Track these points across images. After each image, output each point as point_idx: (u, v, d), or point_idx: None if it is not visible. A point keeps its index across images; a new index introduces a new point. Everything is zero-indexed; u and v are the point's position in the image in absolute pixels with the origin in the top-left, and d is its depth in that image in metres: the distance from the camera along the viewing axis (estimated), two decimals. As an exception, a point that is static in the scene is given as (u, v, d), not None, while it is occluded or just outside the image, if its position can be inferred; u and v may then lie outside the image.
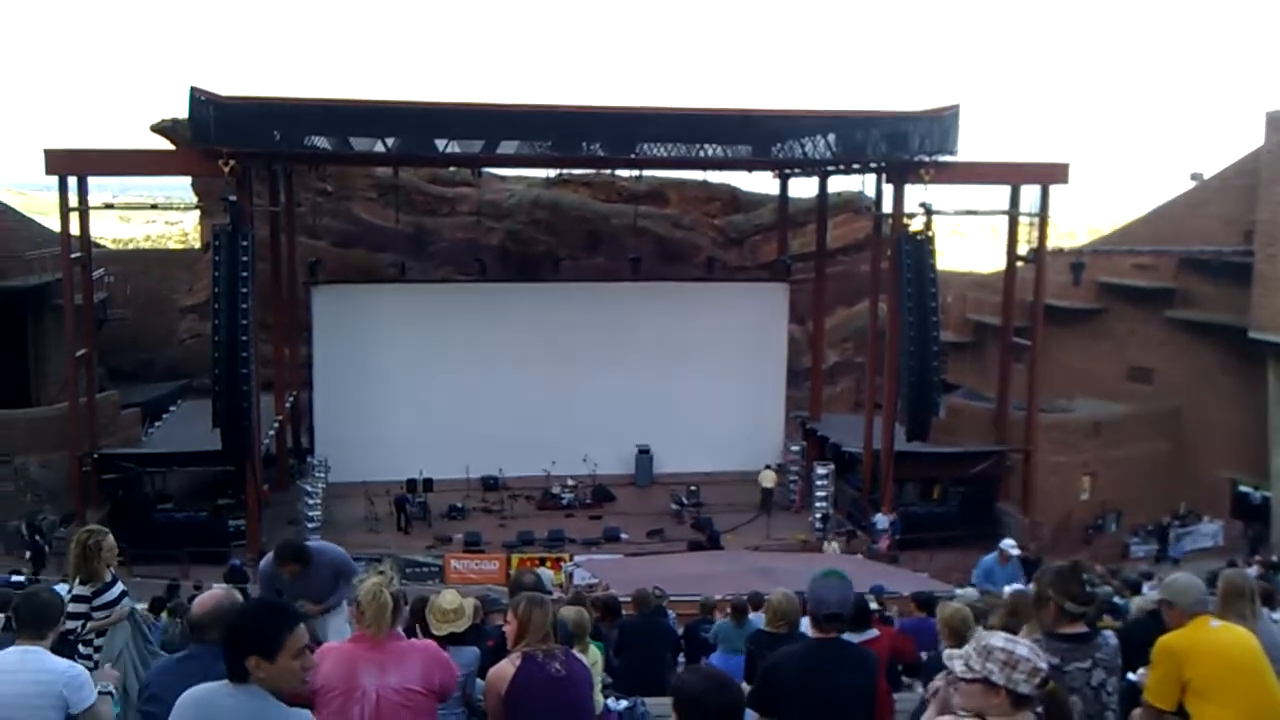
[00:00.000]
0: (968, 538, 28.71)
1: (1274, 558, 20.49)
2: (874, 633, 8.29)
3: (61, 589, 6.74)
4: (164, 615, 12.48)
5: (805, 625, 8.90)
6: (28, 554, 25.20)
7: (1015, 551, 14.17)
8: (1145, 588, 12.39)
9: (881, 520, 28.92)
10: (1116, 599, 11.29)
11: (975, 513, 30.52)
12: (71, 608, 6.46)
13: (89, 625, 6.57)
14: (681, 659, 11.02)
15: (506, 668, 4.93)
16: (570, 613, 7.43)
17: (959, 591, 13.27)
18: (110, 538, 6.80)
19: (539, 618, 5.05)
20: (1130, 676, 5.63)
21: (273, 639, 3.64)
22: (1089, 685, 4.76)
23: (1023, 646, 3.79)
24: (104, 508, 27.23)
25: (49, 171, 26.36)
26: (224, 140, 25.43)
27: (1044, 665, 3.74)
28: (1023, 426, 31.37)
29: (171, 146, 32.76)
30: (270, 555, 7.45)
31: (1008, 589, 8.56)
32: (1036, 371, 31.16)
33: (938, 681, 4.06)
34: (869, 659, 5.16)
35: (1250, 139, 38.87)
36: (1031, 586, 5.87)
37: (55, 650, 4.93)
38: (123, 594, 6.79)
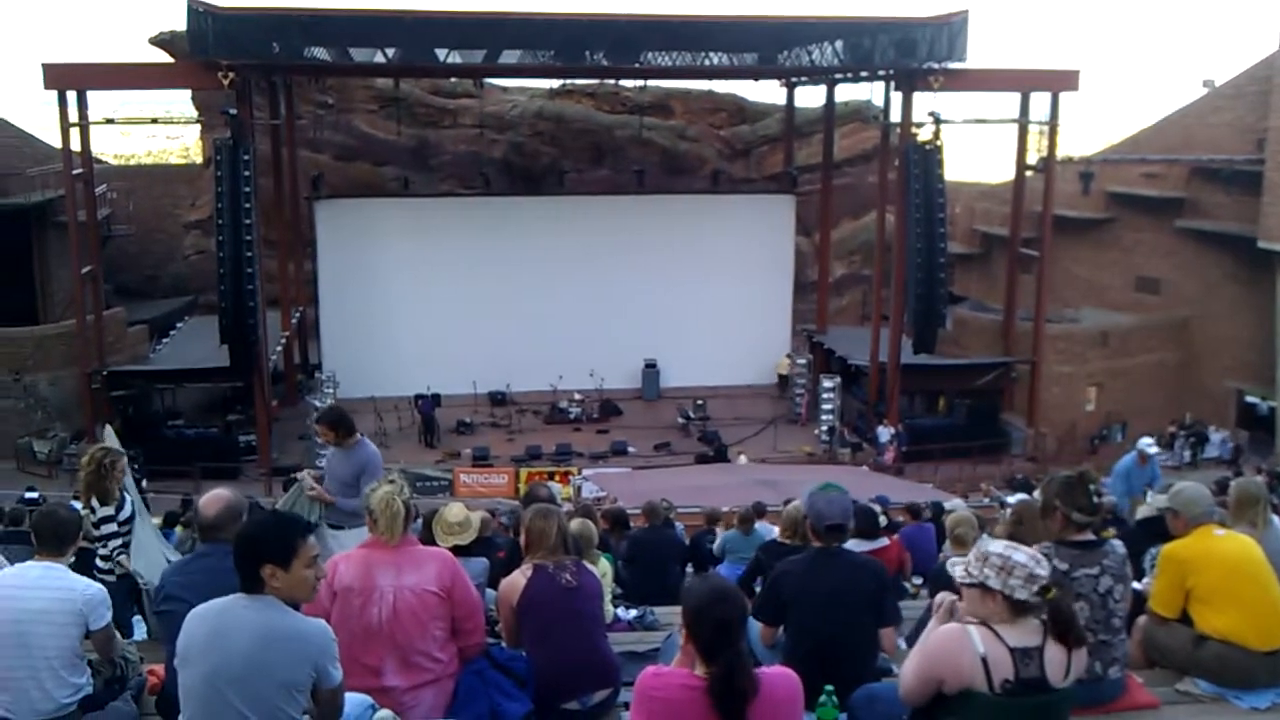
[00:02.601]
0: (972, 449, 28.98)
1: (1279, 468, 20.56)
2: (884, 541, 8.38)
3: (76, 505, 6.80)
4: (178, 529, 12.62)
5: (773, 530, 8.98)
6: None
7: (1154, 450, 13.23)
8: (1149, 496, 12.37)
9: (884, 433, 29.08)
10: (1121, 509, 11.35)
11: (980, 424, 30.65)
12: (104, 529, 6.53)
13: (118, 543, 6.65)
14: (689, 570, 11.18)
15: (518, 578, 5.00)
16: (576, 525, 7.51)
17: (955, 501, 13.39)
18: (124, 458, 6.86)
19: (549, 529, 5.10)
20: (1135, 585, 5.68)
21: (288, 547, 3.70)
22: (1096, 592, 4.81)
23: (1021, 553, 3.82)
24: (114, 424, 27.40)
25: (47, 86, 26.11)
26: (222, 52, 25.14)
27: (1042, 572, 3.78)
28: (1029, 338, 31.35)
29: (170, 59, 32.35)
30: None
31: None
32: (1044, 282, 31.04)
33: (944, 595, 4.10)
34: (871, 565, 5.20)
35: (1265, 45, 38.23)
36: (1038, 494, 5.91)
37: (74, 568, 4.99)
38: (135, 511, 6.87)
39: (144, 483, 22.11)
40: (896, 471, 27.26)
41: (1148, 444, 13.29)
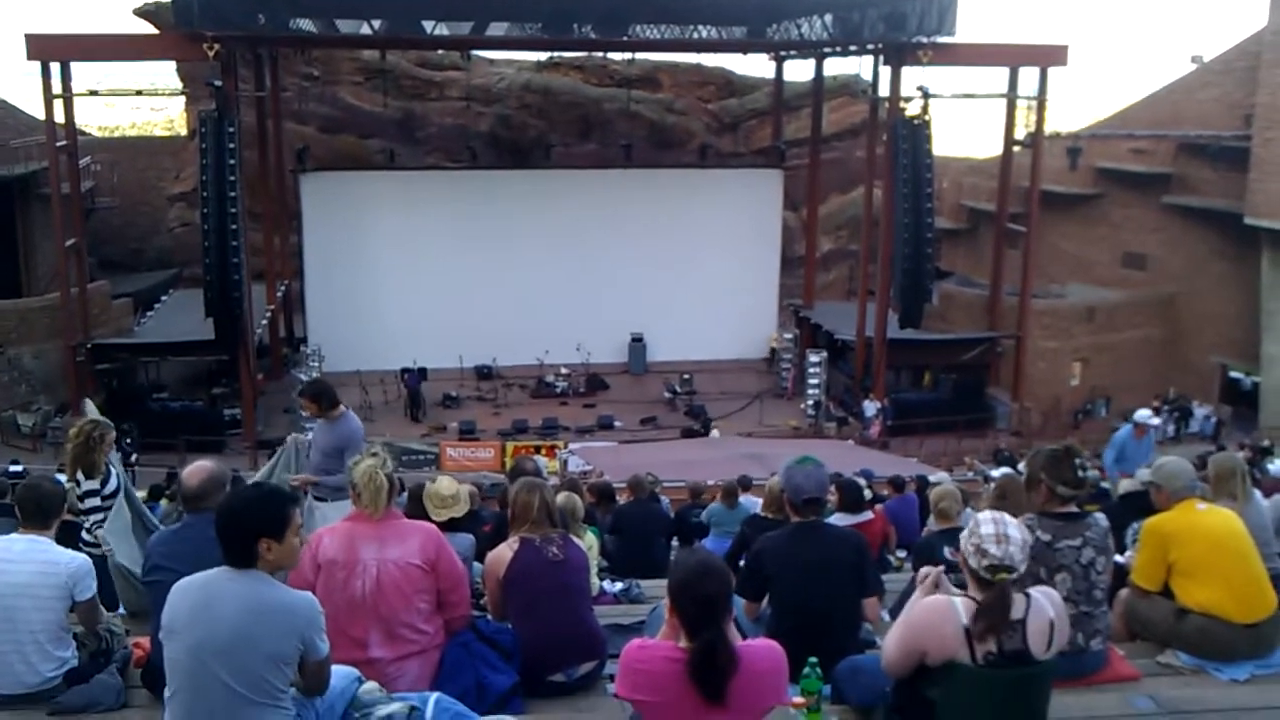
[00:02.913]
0: (958, 424, 29.10)
1: (1264, 442, 20.68)
2: (869, 515, 8.42)
3: (60, 478, 6.78)
4: (163, 501, 12.61)
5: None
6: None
7: (1155, 422, 12.17)
8: (1137, 471, 12.18)
9: (869, 407, 29.18)
10: (1104, 484, 11.38)
11: (966, 399, 30.75)
12: (88, 503, 6.52)
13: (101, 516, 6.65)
14: (675, 543, 11.22)
15: (505, 551, 5.01)
16: (561, 498, 7.52)
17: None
18: (113, 432, 6.86)
19: (533, 502, 5.11)
20: (1117, 559, 5.73)
21: (281, 518, 3.73)
22: (1078, 563, 4.85)
23: (991, 526, 3.86)
24: (99, 397, 27.31)
25: (31, 57, 25.83)
26: (207, 23, 24.92)
27: (1001, 556, 3.79)
28: (1015, 313, 31.43)
29: (155, 31, 32.05)
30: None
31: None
32: (1031, 258, 31.08)
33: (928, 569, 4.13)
34: (851, 536, 5.23)
35: (1253, 20, 38.22)
36: (1023, 467, 5.94)
37: (59, 540, 4.98)
38: (120, 484, 6.86)
39: (135, 457, 22.16)
40: (882, 446, 27.36)
41: (1146, 415, 12.68)
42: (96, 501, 6.59)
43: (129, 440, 22.46)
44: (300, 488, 7.37)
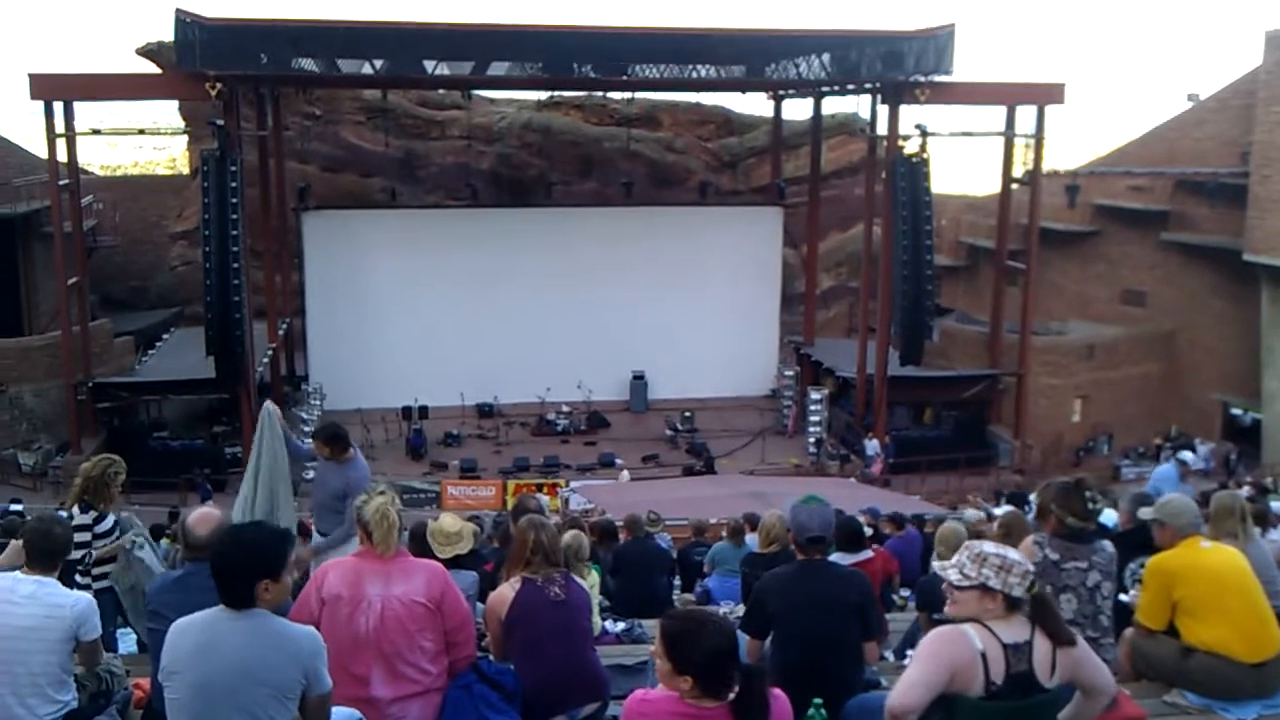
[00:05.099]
0: (960, 461, 29.04)
1: (1266, 480, 20.60)
2: (868, 554, 8.38)
3: (62, 515, 6.78)
4: (164, 541, 12.55)
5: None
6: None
7: (1201, 466, 11.95)
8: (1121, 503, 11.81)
9: (871, 446, 29.13)
10: (1106, 521, 11.27)
11: (967, 436, 30.74)
12: (79, 537, 6.51)
13: (93, 554, 6.64)
14: (676, 581, 11.18)
15: (506, 591, 4.99)
16: (568, 537, 7.50)
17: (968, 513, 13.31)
18: (124, 473, 6.89)
19: (536, 540, 5.09)
20: (1122, 597, 5.71)
21: (280, 560, 3.74)
22: (1084, 586, 4.90)
23: (1014, 552, 3.87)
24: (99, 436, 27.29)
25: (34, 96, 26.03)
26: (210, 63, 25.11)
27: (1031, 568, 3.83)
28: (1016, 350, 31.45)
29: (157, 70, 32.30)
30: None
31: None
32: (1030, 294, 31.15)
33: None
34: (855, 576, 5.21)
35: (1249, 59, 38.51)
36: (1033, 498, 5.95)
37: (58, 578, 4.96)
38: (115, 524, 6.86)
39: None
40: (884, 483, 27.30)
41: (1191, 457, 12.39)
42: (87, 537, 6.58)
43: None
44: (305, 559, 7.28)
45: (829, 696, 4.28)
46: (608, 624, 7.66)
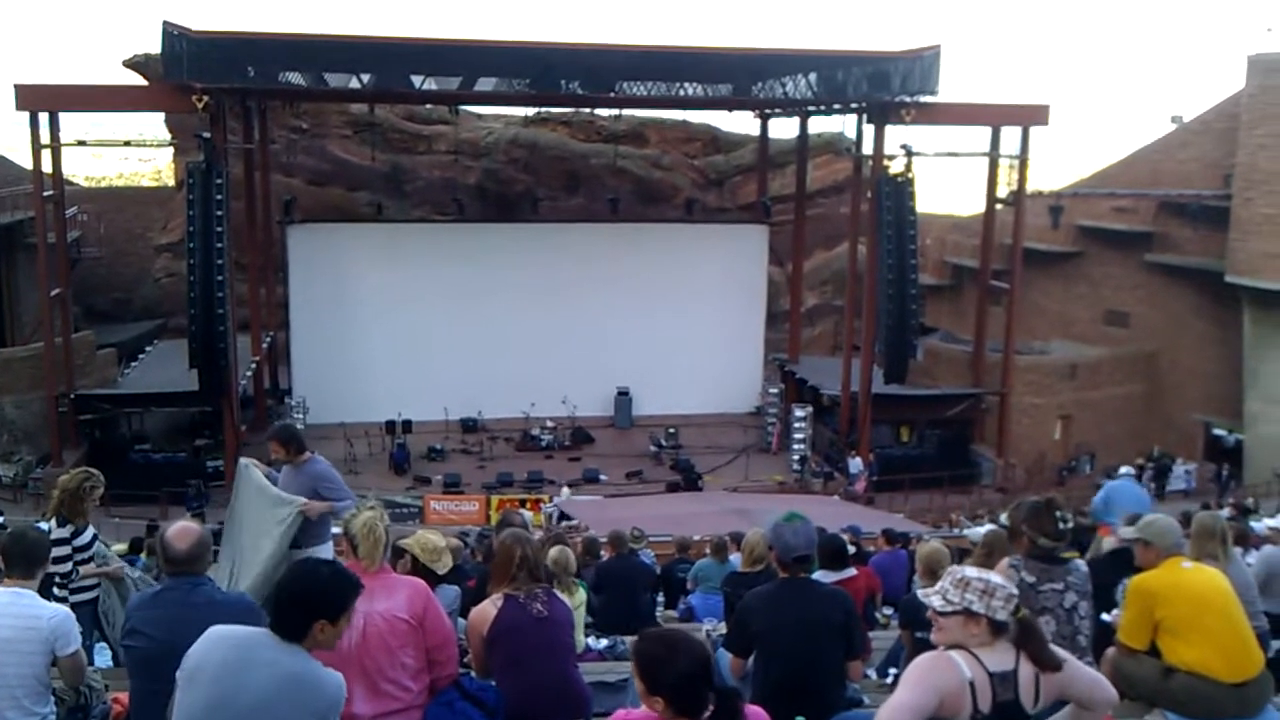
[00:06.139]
0: (943, 480, 29.11)
1: (1248, 500, 20.73)
2: (851, 572, 8.36)
3: (43, 527, 6.73)
4: (143, 555, 12.47)
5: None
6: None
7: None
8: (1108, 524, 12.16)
9: (854, 464, 29.17)
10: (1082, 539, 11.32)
11: (950, 455, 30.81)
12: (55, 551, 6.45)
13: (76, 569, 6.58)
14: (660, 598, 11.14)
15: (489, 608, 4.96)
16: (554, 552, 7.48)
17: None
18: (103, 486, 6.81)
19: (519, 555, 5.07)
20: (1104, 617, 5.72)
21: (343, 605, 3.66)
22: (1061, 607, 4.89)
23: (996, 576, 3.86)
24: (81, 448, 27.12)
25: (19, 107, 25.96)
26: (197, 76, 25.10)
27: (1015, 591, 3.81)
28: (999, 369, 31.57)
29: (144, 82, 32.23)
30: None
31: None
32: (1014, 314, 31.29)
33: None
34: (839, 595, 5.20)
35: (1231, 82, 38.82)
36: (1004, 519, 5.96)
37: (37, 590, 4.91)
38: (94, 537, 6.80)
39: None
40: (867, 501, 27.33)
41: (1129, 472, 12.90)
42: (65, 550, 6.52)
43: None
44: (306, 512, 7.09)
45: (811, 715, 4.27)
46: (590, 641, 7.63)
